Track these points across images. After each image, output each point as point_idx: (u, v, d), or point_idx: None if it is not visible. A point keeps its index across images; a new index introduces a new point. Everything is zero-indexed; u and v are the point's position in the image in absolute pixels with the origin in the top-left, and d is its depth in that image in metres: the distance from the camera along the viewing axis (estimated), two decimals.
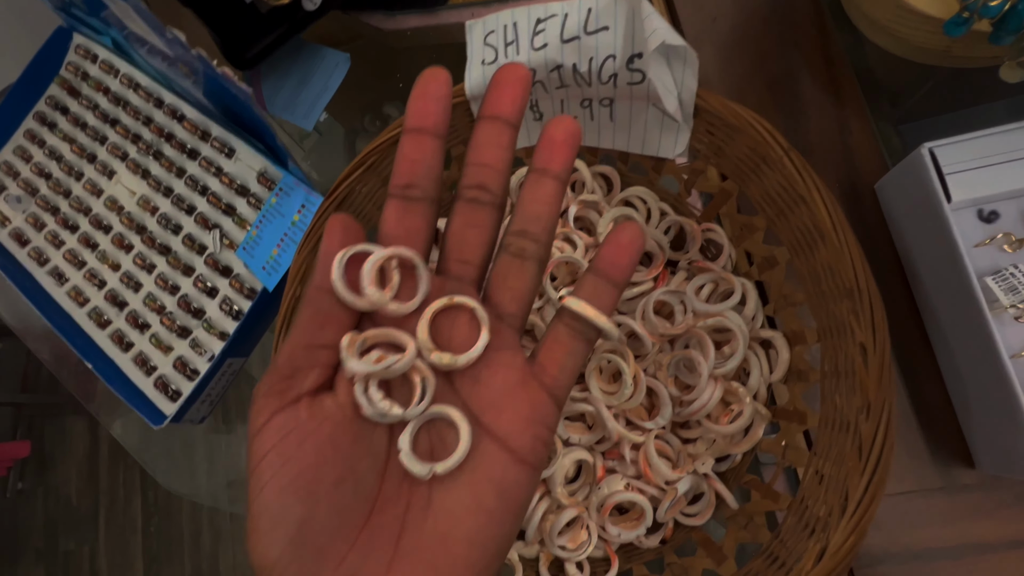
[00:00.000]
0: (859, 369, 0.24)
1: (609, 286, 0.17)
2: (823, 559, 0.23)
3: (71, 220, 0.48)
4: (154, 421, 0.40)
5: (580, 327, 0.17)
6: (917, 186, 0.29)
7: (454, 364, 0.16)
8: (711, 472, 0.28)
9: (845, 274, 0.25)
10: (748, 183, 0.29)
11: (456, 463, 0.15)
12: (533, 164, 0.17)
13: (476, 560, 0.15)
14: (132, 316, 0.44)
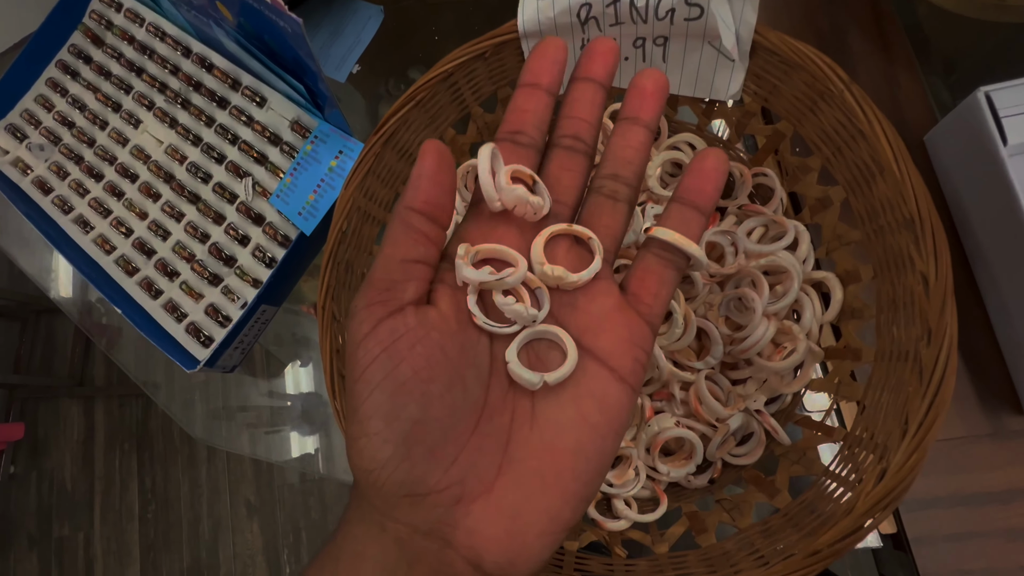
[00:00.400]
0: (919, 299, 0.25)
1: (695, 213, 0.18)
2: (885, 478, 0.24)
3: (96, 169, 0.48)
4: (187, 366, 0.40)
5: (669, 256, 0.18)
6: (972, 131, 0.30)
7: (564, 279, 0.17)
8: (763, 408, 0.29)
9: (906, 205, 0.26)
10: (803, 122, 0.30)
11: (566, 374, 0.16)
12: (623, 113, 0.19)
13: (582, 470, 0.16)
14: (161, 264, 0.44)
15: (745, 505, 0.28)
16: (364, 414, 0.15)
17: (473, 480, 0.15)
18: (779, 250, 0.29)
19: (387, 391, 0.15)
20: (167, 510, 1.07)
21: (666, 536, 0.29)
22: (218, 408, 0.52)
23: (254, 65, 0.43)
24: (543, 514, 0.15)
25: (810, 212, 0.31)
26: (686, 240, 0.17)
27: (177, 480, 1.09)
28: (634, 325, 0.17)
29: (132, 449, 1.11)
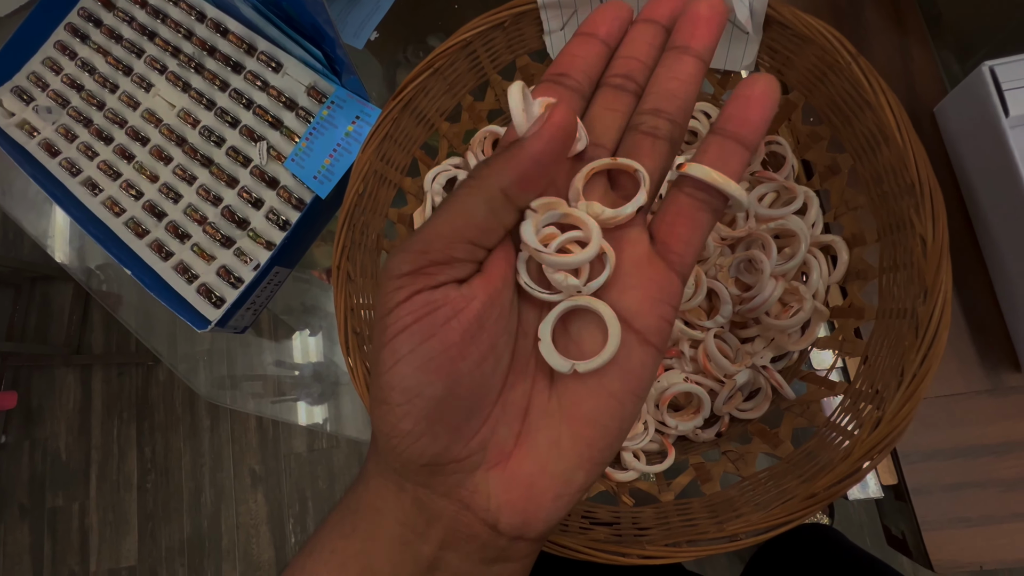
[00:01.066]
0: (918, 259, 0.28)
1: (738, 147, 0.16)
2: (879, 426, 0.27)
3: (105, 132, 0.50)
4: (198, 326, 0.43)
5: (705, 196, 0.16)
6: (976, 103, 0.32)
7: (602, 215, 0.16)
8: (768, 364, 0.32)
9: (907, 172, 0.28)
10: (814, 93, 0.32)
11: (601, 363, 0.15)
12: (672, 42, 0.17)
13: (597, 439, 0.16)
14: (172, 226, 0.46)
15: (749, 456, 0.31)
16: (387, 383, 0.15)
17: (493, 450, 0.16)
18: (788, 214, 0.32)
19: (413, 364, 0.14)
20: (167, 479, 1.10)
21: (672, 486, 0.32)
22: (223, 376, 0.53)
23: (270, 31, 0.45)
24: (558, 479, 0.15)
25: (820, 178, 0.34)
26: (724, 178, 0.15)
27: (179, 450, 1.11)
28: (663, 279, 0.16)
29: (131, 418, 1.14)
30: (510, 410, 0.16)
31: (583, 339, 0.16)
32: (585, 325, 0.16)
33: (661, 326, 0.16)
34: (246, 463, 1.08)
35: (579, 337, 0.16)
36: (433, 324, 0.15)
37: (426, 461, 0.15)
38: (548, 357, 0.16)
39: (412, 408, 0.14)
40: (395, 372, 0.15)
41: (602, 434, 0.16)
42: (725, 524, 0.27)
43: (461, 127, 0.39)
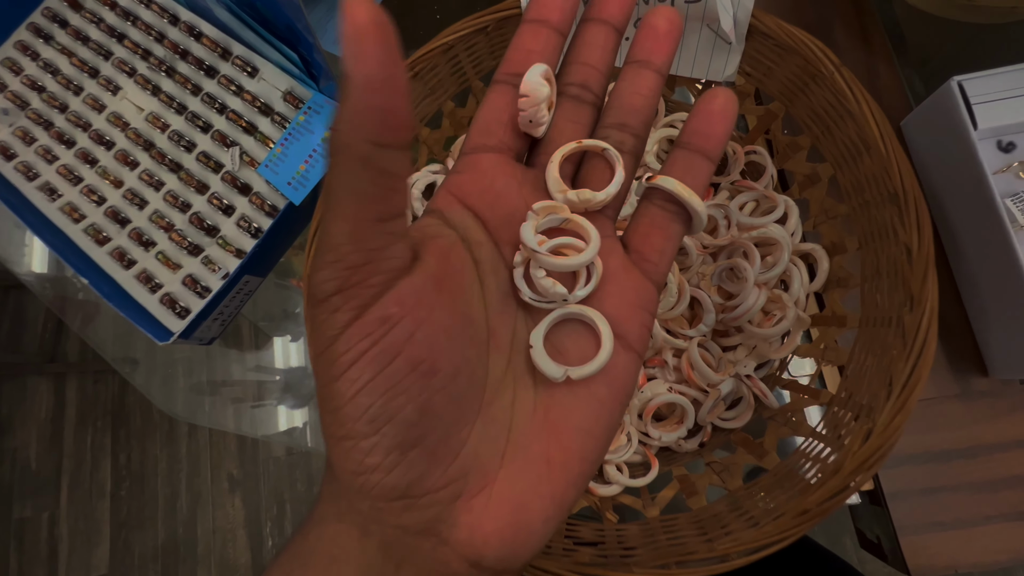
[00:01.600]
0: (902, 268, 0.26)
1: (702, 160, 0.16)
2: (870, 438, 0.24)
3: (67, 135, 0.45)
4: (159, 338, 0.37)
5: (675, 208, 0.16)
6: (945, 116, 0.31)
7: (592, 200, 0.15)
8: (752, 373, 0.29)
9: (890, 181, 0.26)
10: (795, 103, 0.30)
11: (595, 369, 0.14)
12: (632, 55, 0.16)
13: (588, 450, 0.14)
14: (136, 233, 0.41)
15: (735, 467, 0.28)
16: (348, 416, 0.12)
17: (476, 473, 0.13)
18: (770, 223, 0.30)
19: (378, 392, 0.12)
20: (142, 486, 1.02)
21: (657, 500, 0.29)
22: (201, 383, 0.50)
23: (247, 35, 0.41)
24: (548, 500, 0.13)
25: (799, 188, 0.32)
26: (690, 192, 0.15)
27: (155, 456, 1.03)
28: (640, 286, 0.15)
29: (106, 426, 1.05)
30: (492, 428, 0.14)
31: (567, 347, 0.15)
32: (568, 334, 0.15)
33: (642, 332, 0.15)
34: (224, 468, 1.01)
35: (562, 346, 0.15)
36: (395, 343, 0.12)
37: (399, 494, 0.12)
38: (541, 364, 0.14)
39: (382, 438, 0.12)
40: (356, 403, 0.12)
41: (593, 444, 0.14)
42: (715, 543, 0.24)
43: (442, 134, 0.36)
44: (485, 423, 0.14)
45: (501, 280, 0.15)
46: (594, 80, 0.16)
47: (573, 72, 0.16)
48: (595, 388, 0.14)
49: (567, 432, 0.14)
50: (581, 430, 0.14)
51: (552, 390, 0.14)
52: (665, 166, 0.16)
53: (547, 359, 0.14)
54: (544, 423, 0.14)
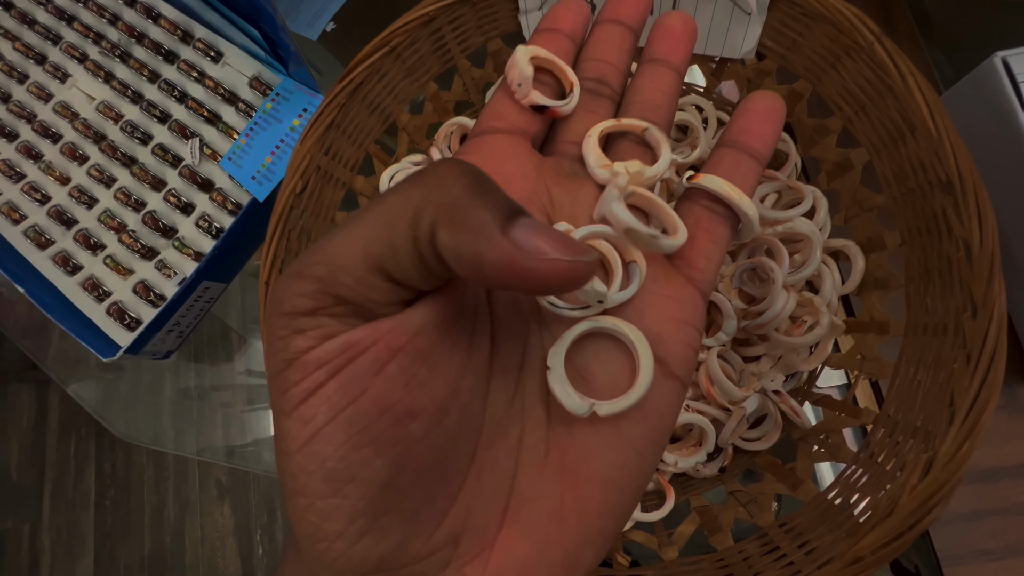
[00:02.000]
0: (959, 267, 0.21)
1: (750, 160, 0.13)
2: (932, 469, 0.19)
3: (8, 127, 0.38)
4: (104, 353, 0.31)
5: (722, 210, 0.13)
6: (988, 96, 0.26)
7: (643, 173, 0.12)
8: (781, 388, 0.24)
9: (943, 165, 0.21)
10: (824, 80, 0.25)
11: (631, 403, 0.11)
12: (648, 54, 0.15)
13: (613, 503, 0.11)
14: (82, 235, 0.35)
15: (764, 498, 0.23)
16: (300, 467, 0.09)
17: (469, 536, 0.10)
18: (797, 216, 0.24)
19: (337, 440, 0.09)
20: (128, 495, 0.94)
21: (674, 537, 0.24)
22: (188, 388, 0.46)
23: (210, 16, 0.35)
24: (560, 566, 0.11)
25: (827, 177, 0.27)
26: (739, 193, 0.13)
27: (140, 464, 0.95)
28: (685, 298, 0.12)
29: (90, 433, 0.97)
30: (490, 478, 0.11)
31: (592, 372, 0.11)
32: (595, 354, 0.11)
33: (687, 354, 0.12)
34: (213, 475, 0.93)
35: (587, 370, 0.11)
36: (361, 375, 0.09)
37: (371, 568, 0.09)
38: (561, 394, 0.11)
39: (343, 501, 0.09)
40: (311, 452, 0.09)
41: (618, 497, 0.11)
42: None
43: (424, 119, 0.30)
44: (481, 472, 0.11)
45: None
46: (611, 76, 0.14)
47: (589, 68, 0.14)
48: (626, 427, 0.11)
49: (587, 482, 0.11)
50: (604, 478, 0.11)
51: (571, 427, 0.11)
52: (708, 164, 0.14)
53: (568, 388, 0.10)
54: (559, 470, 0.11)
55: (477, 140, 0.13)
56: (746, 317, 0.25)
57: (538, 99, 0.13)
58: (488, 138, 0.13)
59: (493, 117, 0.13)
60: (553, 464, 0.11)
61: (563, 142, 0.14)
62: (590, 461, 0.11)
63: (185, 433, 0.89)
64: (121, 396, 0.64)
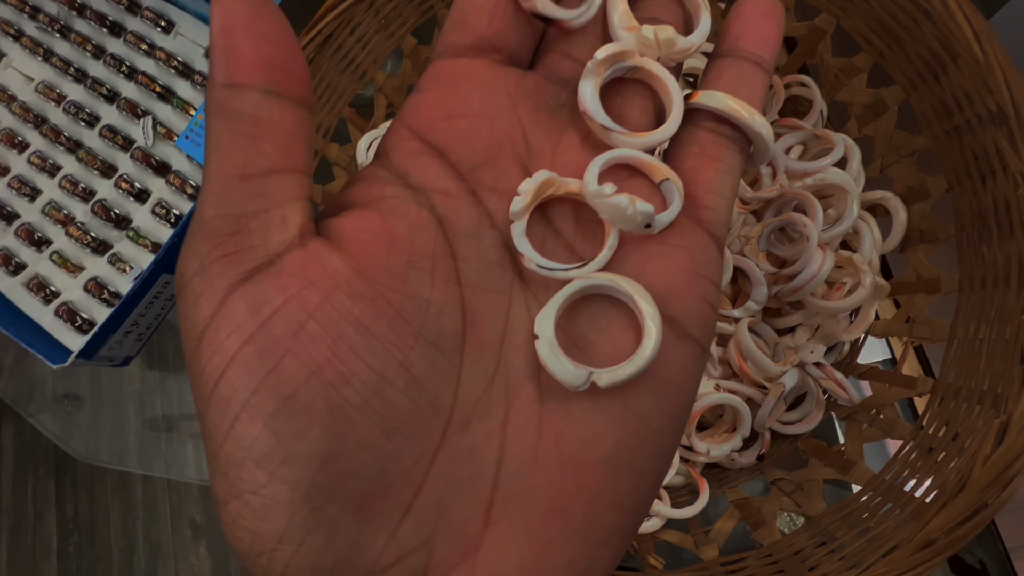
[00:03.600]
0: (1020, 206, 0.19)
1: (754, 68, 0.12)
2: (1007, 436, 0.17)
3: None
4: (53, 359, 0.29)
5: (730, 132, 0.11)
6: None
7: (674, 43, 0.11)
8: (823, 360, 0.22)
9: (992, 94, 0.20)
10: (848, 12, 0.24)
11: (635, 372, 0.09)
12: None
13: (627, 494, 0.10)
14: (25, 230, 0.33)
15: (811, 485, 0.22)
16: (229, 459, 0.09)
17: (445, 537, 0.09)
18: (828, 166, 0.23)
19: (265, 411, 0.08)
20: (93, 541, 0.91)
21: (712, 535, 0.22)
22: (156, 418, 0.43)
23: None
24: (568, 571, 0.09)
25: (857, 123, 0.25)
26: (749, 108, 0.11)
27: (106, 505, 0.92)
28: (695, 244, 0.11)
29: (49, 473, 0.93)
30: (465, 467, 0.09)
31: (590, 339, 0.10)
32: (592, 318, 0.10)
33: (703, 311, 0.10)
34: (186, 514, 0.90)
35: (584, 337, 0.10)
36: (279, 337, 0.09)
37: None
38: (552, 364, 0.09)
39: (280, 488, 0.08)
40: (238, 434, 0.08)
41: (634, 484, 0.10)
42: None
43: (402, 80, 0.28)
44: (453, 459, 0.09)
45: (485, 245, 0.10)
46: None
47: None
48: (636, 399, 0.10)
49: (593, 468, 0.10)
50: (614, 464, 0.10)
51: (568, 404, 0.10)
52: (706, 78, 0.12)
53: (561, 356, 0.09)
54: (555, 455, 0.10)
55: (435, 68, 0.11)
56: (777, 282, 0.23)
57: (543, 7, 0.11)
58: (447, 64, 0.11)
59: (456, 27, 0.11)
60: (548, 450, 0.10)
61: (555, 52, 0.12)
62: (595, 443, 0.10)
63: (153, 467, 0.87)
64: (80, 428, 0.62)
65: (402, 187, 0.10)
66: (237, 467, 0.08)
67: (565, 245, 0.11)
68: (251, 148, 0.09)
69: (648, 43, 0.11)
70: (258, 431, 0.08)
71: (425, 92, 0.11)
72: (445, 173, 0.10)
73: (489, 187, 0.10)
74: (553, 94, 0.11)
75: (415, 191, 0.10)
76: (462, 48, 0.11)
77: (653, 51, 0.11)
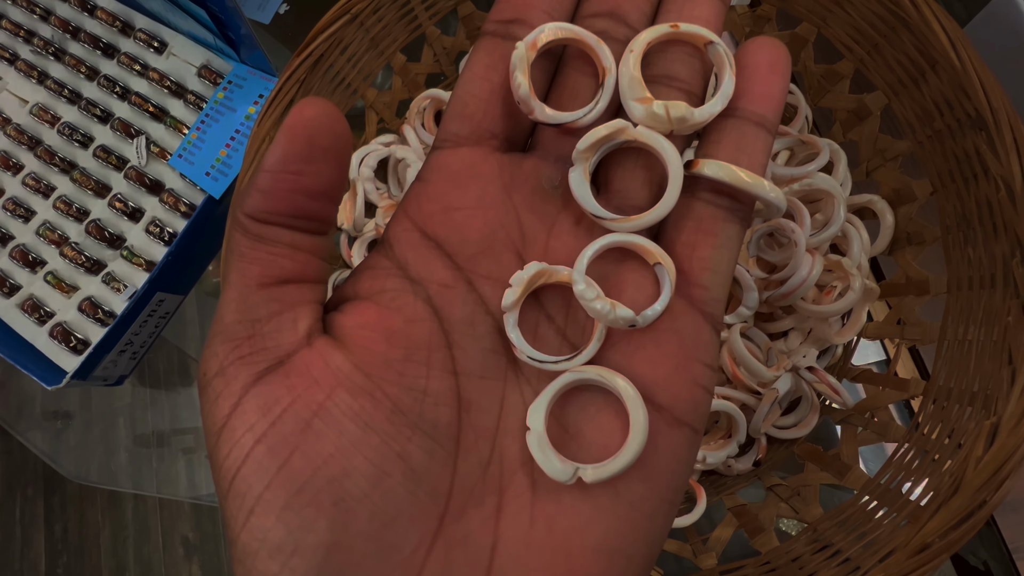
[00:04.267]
0: (1001, 209, 0.20)
1: (757, 130, 0.11)
2: (998, 437, 0.18)
3: None
4: (48, 381, 0.29)
5: (729, 203, 0.11)
6: (1005, 31, 0.26)
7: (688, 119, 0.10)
8: (816, 364, 0.22)
9: (971, 99, 0.20)
10: (829, 21, 0.24)
11: (619, 469, 0.10)
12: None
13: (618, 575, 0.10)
14: (19, 252, 0.33)
15: (808, 490, 0.22)
16: (246, 548, 0.09)
17: None
18: (815, 171, 0.24)
19: (277, 506, 0.09)
20: (82, 561, 0.89)
21: (711, 543, 0.22)
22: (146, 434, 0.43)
23: (151, 3, 0.34)
24: None
25: (842, 128, 0.26)
26: (755, 178, 0.10)
27: (96, 524, 0.91)
28: (687, 325, 0.11)
29: (38, 493, 0.92)
30: (462, 553, 0.10)
31: (582, 429, 0.11)
32: (584, 407, 0.11)
33: (695, 395, 0.11)
34: (178, 531, 0.89)
35: (576, 426, 0.11)
36: (287, 435, 0.09)
37: None
38: (540, 459, 0.10)
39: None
40: (253, 527, 0.09)
41: (624, 568, 0.10)
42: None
43: (393, 96, 0.29)
44: (450, 546, 0.10)
45: (480, 333, 0.11)
46: (627, 7, 0.11)
47: (591, 26, 0.11)
48: (626, 488, 0.10)
49: (584, 554, 0.10)
50: (605, 550, 0.10)
51: (559, 494, 0.10)
52: (705, 144, 0.11)
53: (549, 451, 0.10)
54: (547, 542, 0.10)
55: (437, 158, 0.12)
56: (768, 287, 0.24)
57: (546, 117, 0.11)
58: (448, 155, 0.11)
59: (456, 117, 0.11)
60: (540, 537, 0.10)
61: (551, 130, 0.12)
62: (585, 531, 0.10)
63: (144, 485, 0.86)
64: (71, 446, 0.61)
65: (401, 279, 0.11)
66: (252, 557, 0.09)
67: (557, 331, 0.11)
68: (270, 263, 0.10)
69: (659, 119, 0.10)
70: (271, 524, 0.09)
71: (427, 184, 0.11)
72: (442, 264, 0.11)
73: (484, 275, 0.11)
74: (548, 177, 0.11)
75: (414, 283, 0.11)
76: (461, 138, 0.11)
77: (664, 126, 0.10)
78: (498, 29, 0.11)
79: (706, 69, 0.11)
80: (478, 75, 0.11)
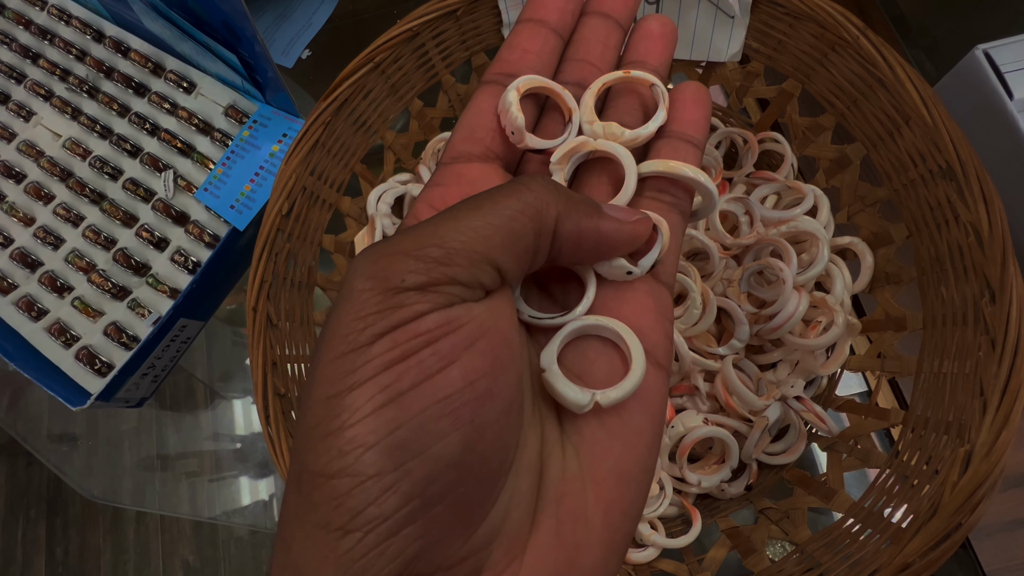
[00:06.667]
0: (971, 253, 0.22)
1: (687, 145, 0.14)
2: (971, 464, 0.19)
3: None
4: (73, 402, 0.30)
5: (670, 197, 0.14)
6: (974, 89, 0.28)
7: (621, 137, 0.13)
8: (803, 394, 0.24)
9: (941, 153, 0.22)
10: (812, 78, 0.26)
11: (628, 391, 0.11)
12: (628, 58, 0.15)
13: (630, 502, 0.11)
14: (48, 277, 0.35)
15: (797, 513, 0.23)
16: (356, 440, 0.09)
17: (503, 541, 0.10)
18: (800, 215, 0.25)
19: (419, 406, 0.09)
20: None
21: (706, 563, 0.23)
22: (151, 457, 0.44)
23: (182, 47, 0.36)
24: (589, 572, 0.11)
25: (825, 175, 0.28)
26: (691, 168, 0.13)
27: (97, 547, 0.90)
28: (657, 290, 0.13)
29: (40, 515, 0.92)
30: (526, 479, 0.11)
31: (587, 371, 0.12)
32: (585, 354, 0.12)
33: (667, 345, 0.13)
34: (178, 554, 0.88)
35: (581, 370, 0.12)
36: (456, 346, 0.10)
37: (401, 570, 0.09)
38: (561, 389, 0.11)
39: (403, 479, 0.09)
40: (384, 418, 0.09)
41: (634, 492, 0.11)
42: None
43: (409, 138, 0.31)
44: (519, 471, 0.11)
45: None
46: (592, 79, 0.14)
47: (571, 70, 0.15)
48: (629, 417, 0.12)
49: (604, 479, 0.11)
50: (620, 475, 0.11)
51: (579, 426, 0.12)
52: (648, 154, 0.14)
53: (566, 383, 0.11)
54: (577, 471, 0.11)
55: (451, 169, 0.13)
56: (758, 322, 0.25)
57: (533, 144, 0.13)
58: (461, 167, 0.13)
59: (468, 140, 0.14)
60: (571, 466, 0.11)
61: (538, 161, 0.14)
62: (604, 458, 0.11)
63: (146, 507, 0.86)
64: (75, 468, 0.62)
65: None
66: (364, 449, 0.09)
67: (553, 301, 0.13)
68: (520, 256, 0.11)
69: (598, 134, 0.13)
70: (404, 420, 0.09)
71: (442, 187, 0.13)
72: None
73: None
74: None
75: None
76: (473, 156, 0.13)
77: (609, 137, 0.13)
78: (498, 79, 0.14)
79: (647, 110, 0.14)
80: (485, 111, 0.14)
